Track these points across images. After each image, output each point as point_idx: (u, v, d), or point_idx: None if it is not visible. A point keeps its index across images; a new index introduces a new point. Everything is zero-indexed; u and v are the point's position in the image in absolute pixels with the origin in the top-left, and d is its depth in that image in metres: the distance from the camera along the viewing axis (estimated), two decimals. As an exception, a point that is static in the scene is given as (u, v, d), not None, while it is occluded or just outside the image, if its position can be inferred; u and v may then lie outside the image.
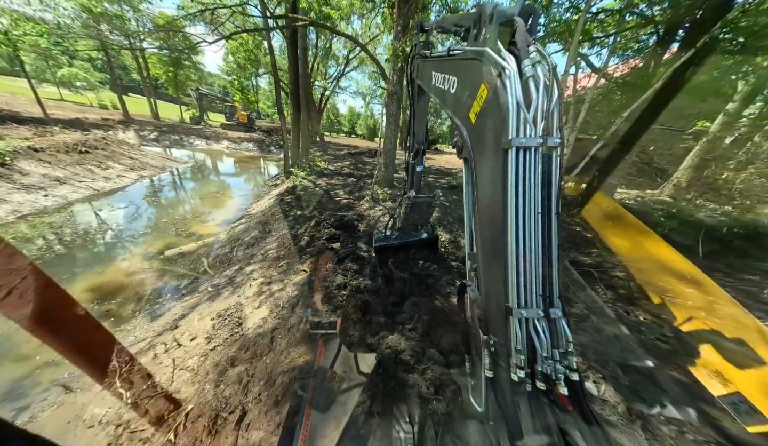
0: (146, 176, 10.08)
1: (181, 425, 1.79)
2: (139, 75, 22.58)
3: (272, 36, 9.71)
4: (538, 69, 0.76)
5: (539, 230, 0.78)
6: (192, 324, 3.06)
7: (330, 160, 14.23)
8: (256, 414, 1.87)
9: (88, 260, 4.91)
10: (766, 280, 4.31)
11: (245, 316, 2.97)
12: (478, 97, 0.91)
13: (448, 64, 1.26)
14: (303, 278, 3.55)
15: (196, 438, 1.72)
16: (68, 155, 8.41)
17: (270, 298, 3.25)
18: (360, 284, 3.33)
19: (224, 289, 3.78)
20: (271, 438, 1.71)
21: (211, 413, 1.86)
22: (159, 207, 7.80)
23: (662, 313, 3.04)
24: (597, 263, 4.39)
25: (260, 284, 3.61)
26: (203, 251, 5.47)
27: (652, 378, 2.16)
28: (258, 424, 1.81)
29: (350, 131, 56.48)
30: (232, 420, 1.82)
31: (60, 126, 11.42)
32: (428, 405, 1.86)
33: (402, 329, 2.60)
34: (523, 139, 0.75)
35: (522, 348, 0.76)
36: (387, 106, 7.06)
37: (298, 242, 4.74)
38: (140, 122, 18.71)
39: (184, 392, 2.09)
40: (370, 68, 25.35)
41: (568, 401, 0.73)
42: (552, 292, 0.80)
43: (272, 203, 7.61)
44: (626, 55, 7.69)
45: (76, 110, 19.93)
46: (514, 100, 0.76)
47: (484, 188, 0.93)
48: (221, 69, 26.73)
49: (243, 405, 1.93)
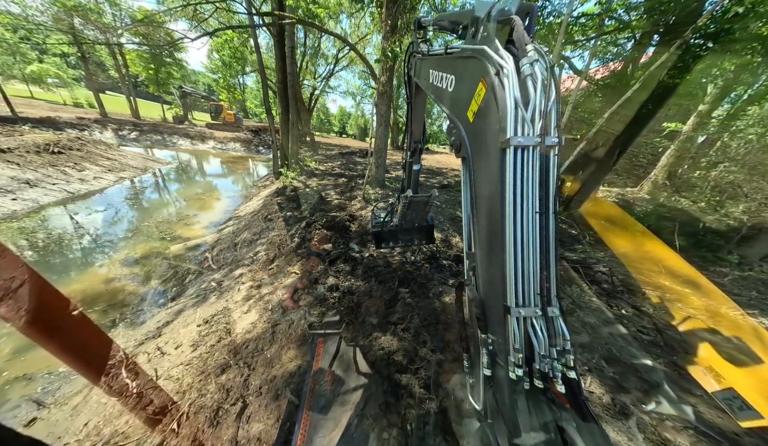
0: (126, 177, 9.63)
1: (177, 423, 1.71)
2: (117, 72, 21.60)
3: (259, 33, 9.50)
4: (536, 67, 0.75)
5: (537, 228, 0.79)
6: (177, 332, 2.95)
7: (320, 160, 14.08)
8: (256, 406, 1.82)
9: (63, 267, 4.64)
10: (734, 271, 4.61)
11: (233, 321, 2.89)
12: (476, 96, 0.90)
13: (445, 62, 1.25)
14: (293, 281, 3.49)
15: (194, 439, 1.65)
16: (39, 155, 7.91)
17: (260, 302, 3.18)
18: (352, 286, 3.31)
19: (212, 294, 3.67)
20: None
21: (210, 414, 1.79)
22: (140, 210, 7.48)
23: (660, 310, 3.12)
24: (581, 260, 4.54)
25: (249, 288, 3.52)
26: (189, 254, 5.28)
27: (643, 373, 2.22)
28: (258, 417, 1.76)
29: (341, 131, 56.10)
30: (234, 412, 1.76)
31: (29, 125, 10.74)
32: (422, 405, 1.87)
33: (395, 329, 2.60)
34: (521, 138, 0.74)
35: (520, 346, 0.76)
36: (377, 106, 7.05)
37: (289, 244, 4.66)
38: (119, 121, 17.88)
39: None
40: (360, 68, 25.28)
41: (566, 399, 0.73)
42: (550, 291, 0.81)
43: (261, 204, 7.44)
44: (606, 58, 8.01)
45: (47, 108, 18.83)
46: (512, 98, 0.75)
47: (482, 186, 0.93)
48: (206, 67, 25.89)
49: (243, 396, 1.87)
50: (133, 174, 10.10)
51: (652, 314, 2.97)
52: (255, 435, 1.73)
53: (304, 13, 7.80)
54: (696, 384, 2.13)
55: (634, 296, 3.39)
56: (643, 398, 2.00)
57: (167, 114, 25.16)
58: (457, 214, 6.23)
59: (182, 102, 24.14)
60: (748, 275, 4.50)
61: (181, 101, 24.23)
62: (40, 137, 8.75)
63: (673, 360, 2.35)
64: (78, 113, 18.24)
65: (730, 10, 4.60)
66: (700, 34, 5.14)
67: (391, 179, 9.75)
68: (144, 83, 26.43)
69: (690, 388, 2.11)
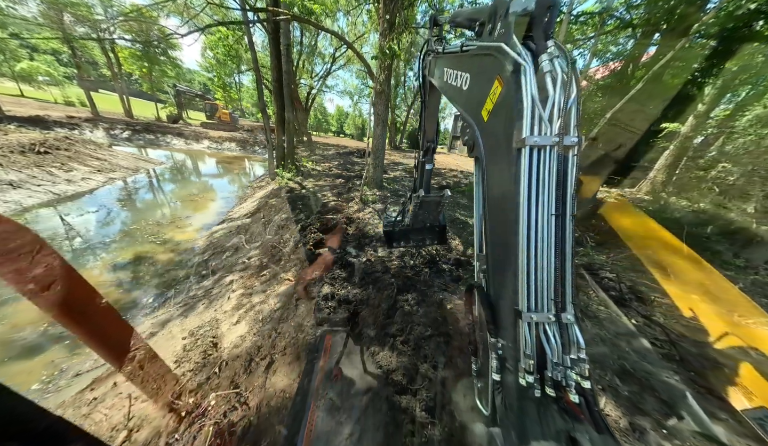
0: (116, 178, 9.34)
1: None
2: (110, 70, 21.17)
3: (254, 31, 9.26)
4: (555, 64, 0.72)
5: (552, 232, 0.75)
6: (160, 346, 2.75)
7: (317, 160, 13.86)
8: None
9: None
10: (740, 275, 4.50)
11: (221, 334, 2.70)
12: (492, 94, 0.88)
13: (460, 60, 1.25)
14: (287, 289, 3.30)
15: None
16: (24, 155, 7.61)
17: (251, 312, 2.99)
18: (348, 294, 3.13)
19: (200, 302, 3.47)
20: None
21: None
22: (130, 212, 7.22)
23: (671, 319, 2.95)
24: (586, 264, 4.41)
25: (239, 297, 3.33)
26: (179, 259, 5.06)
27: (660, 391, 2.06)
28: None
29: (338, 131, 55.81)
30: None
31: (15, 124, 10.38)
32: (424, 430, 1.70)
33: (393, 342, 2.43)
34: (538, 137, 0.71)
35: (531, 352, 0.73)
36: (375, 105, 6.87)
37: (283, 249, 4.47)
38: (111, 120, 17.48)
39: (143, 429, 1.82)
40: (358, 67, 25.08)
41: (579, 409, 0.69)
42: (564, 296, 0.77)
43: (256, 206, 7.23)
44: (606, 57, 7.92)
45: (37, 107, 18.37)
46: (529, 96, 0.72)
47: (495, 187, 0.91)
48: (200, 65, 25.51)
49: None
50: (124, 175, 9.81)
51: (664, 324, 2.83)
52: None
53: (299, 9, 7.59)
54: (721, 401, 1.98)
55: (644, 303, 3.25)
56: (662, 417, 1.86)
57: (161, 113, 24.74)
58: (457, 216, 6.08)
59: (176, 101, 23.75)
60: (753, 278, 4.40)
61: (175, 100, 23.83)
62: (25, 137, 8.44)
63: (691, 377, 2.19)
64: (69, 112, 17.80)
65: (742, 6, 4.49)
66: (701, 34, 5.04)
67: (389, 180, 9.58)
68: (137, 81, 25.99)
69: (713, 406, 1.97)
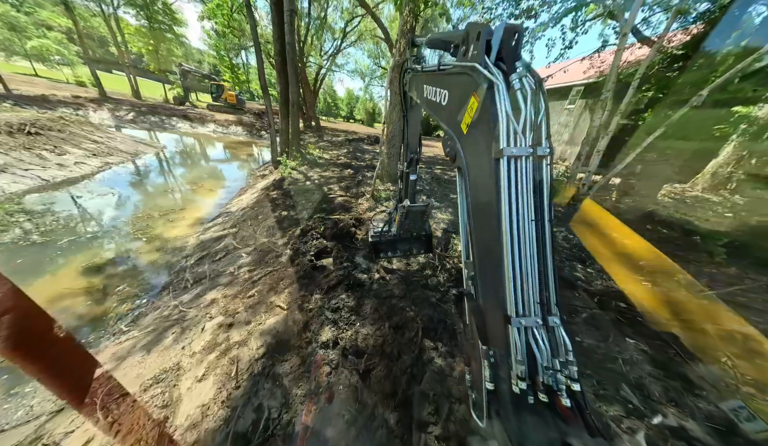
0: (112, 163, 8.78)
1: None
2: (116, 48, 20.51)
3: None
4: (524, 82, 0.77)
5: (533, 237, 0.78)
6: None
7: (325, 147, 12.90)
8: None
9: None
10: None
11: (178, 399, 1.94)
12: (469, 109, 0.92)
13: (439, 78, 1.29)
14: (276, 323, 2.51)
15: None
16: (12, 137, 7.08)
17: (224, 359, 2.22)
18: (357, 335, 2.31)
19: (170, 329, 2.75)
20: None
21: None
22: (121, 202, 6.62)
23: None
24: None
25: (217, 328, 2.57)
26: (163, 260, 4.40)
27: None
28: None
29: (348, 116, 53.91)
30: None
31: (10, 102, 9.90)
32: None
33: (425, 439, 1.59)
34: (514, 148, 0.76)
35: (522, 358, 0.73)
36: (392, 83, 5.75)
37: (278, 258, 3.68)
38: (117, 101, 16.98)
39: None
40: (370, 45, 23.29)
41: (571, 412, 0.67)
42: (549, 299, 0.79)
43: (255, 199, 6.46)
44: (687, 21, 6.25)
45: (48, 87, 18.10)
46: (504, 111, 0.76)
47: (477, 196, 0.94)
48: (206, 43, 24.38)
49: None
50: (121, 159, 9.23)
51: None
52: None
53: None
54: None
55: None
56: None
57: (169, 94, 24.12)
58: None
59: (182, 82, 22.99)
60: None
61: (181, 80, 23.07)
62: (16, 116, 7.89)
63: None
64: (76, 92, 17.41)
65: None
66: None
67: (403, 171, 8.57)
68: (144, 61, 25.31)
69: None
